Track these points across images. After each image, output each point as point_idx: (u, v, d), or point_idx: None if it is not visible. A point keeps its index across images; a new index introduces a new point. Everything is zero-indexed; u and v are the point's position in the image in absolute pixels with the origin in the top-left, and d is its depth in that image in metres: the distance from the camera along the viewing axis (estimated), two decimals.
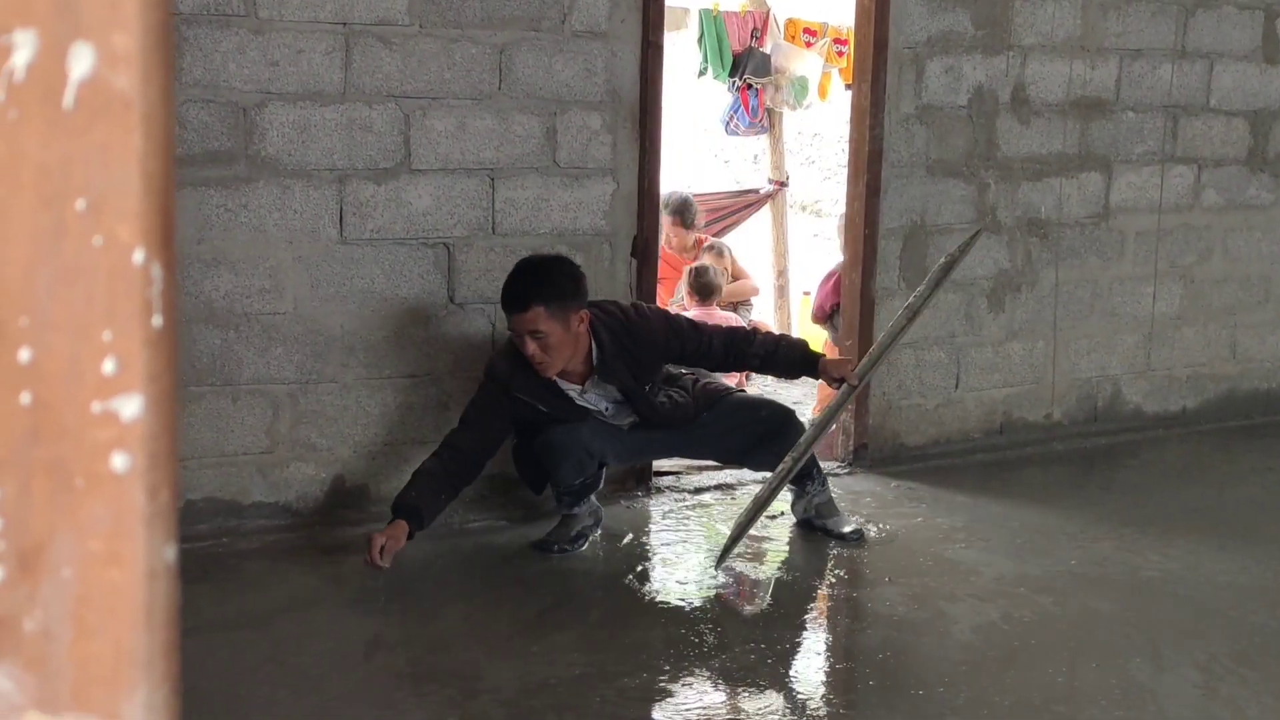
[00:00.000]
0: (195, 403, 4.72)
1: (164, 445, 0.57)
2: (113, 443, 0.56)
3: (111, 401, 0.55)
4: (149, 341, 0.55)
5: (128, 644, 0.56)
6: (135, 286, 0.55)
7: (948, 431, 6.09)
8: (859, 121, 5.76)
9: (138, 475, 0.56)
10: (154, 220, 0.54)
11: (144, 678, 0.57)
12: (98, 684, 0.56)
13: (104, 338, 0.55)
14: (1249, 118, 6.65)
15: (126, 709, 0.56)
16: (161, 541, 0.57)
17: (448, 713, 3.56)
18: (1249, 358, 6.92)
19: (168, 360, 0.57)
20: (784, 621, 4.26)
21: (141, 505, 0.56)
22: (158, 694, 0.57)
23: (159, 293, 0.56)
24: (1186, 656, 3.99)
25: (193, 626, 4.04)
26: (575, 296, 4.50)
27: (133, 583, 0.56)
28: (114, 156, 0.54)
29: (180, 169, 4.56)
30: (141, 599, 0.56)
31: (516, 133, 5.03)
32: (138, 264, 0.55)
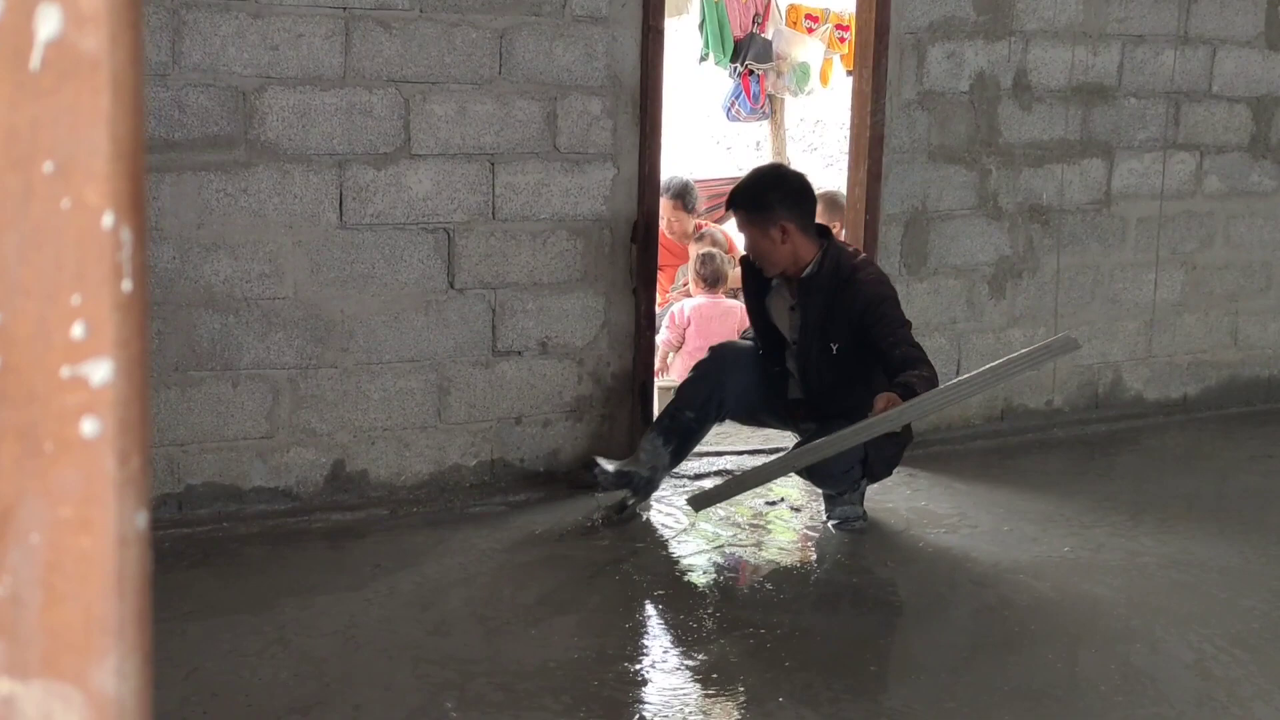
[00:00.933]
0: (195, 387, 4.72)
1: (135, 411, 0.56)
2: (82, 408, 0.55)
3: (81, 366, 0.55)
4: (119, 306, 0.55)
5: (98, 611, 0.56)
6: (105, 250, 0.54)
7: (949, 418, 6.08)
8: (860, 107, 5.75)
9: (108, 441, 0.55)
10: (123, 183, 0.54)
11: (115, 645, 0.56)
12: (68, 651, 0.56)
13: (73, 302, 0.55)
14: (1251, 104, 6.63)
15: (97, 676, 0.56)
16: (133, 508, 0.56)
17: (445, 695, 3.56)
18: (1250, 345, 6.92)
19: (138, 325, 0.57)
20: (784, 606, 4.26)
21: (112, 471, 0.55)
22: (129, 661, 0.57)
23: (129, 256, 0.55)
24: (1183, 641, 3.99)
25: (194, 610, 4.05)
26: (771, 208, 4.78)
27: (103, 549, 0.56)
28: (82, 118, 0.53)
29: (180, 153, 4.56)
30: (112, 566, 0.56)
31: (517, 118, 5.03)
32: (107, 227, 0.54)
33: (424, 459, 5.09)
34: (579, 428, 5.31)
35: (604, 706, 3.54)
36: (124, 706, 0.57)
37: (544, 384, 5.23)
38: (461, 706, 3.50)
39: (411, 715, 3.45)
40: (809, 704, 3.62)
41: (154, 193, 4.54)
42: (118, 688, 0.57)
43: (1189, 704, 3.62)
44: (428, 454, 5.09)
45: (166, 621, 3.98)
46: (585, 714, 3.48)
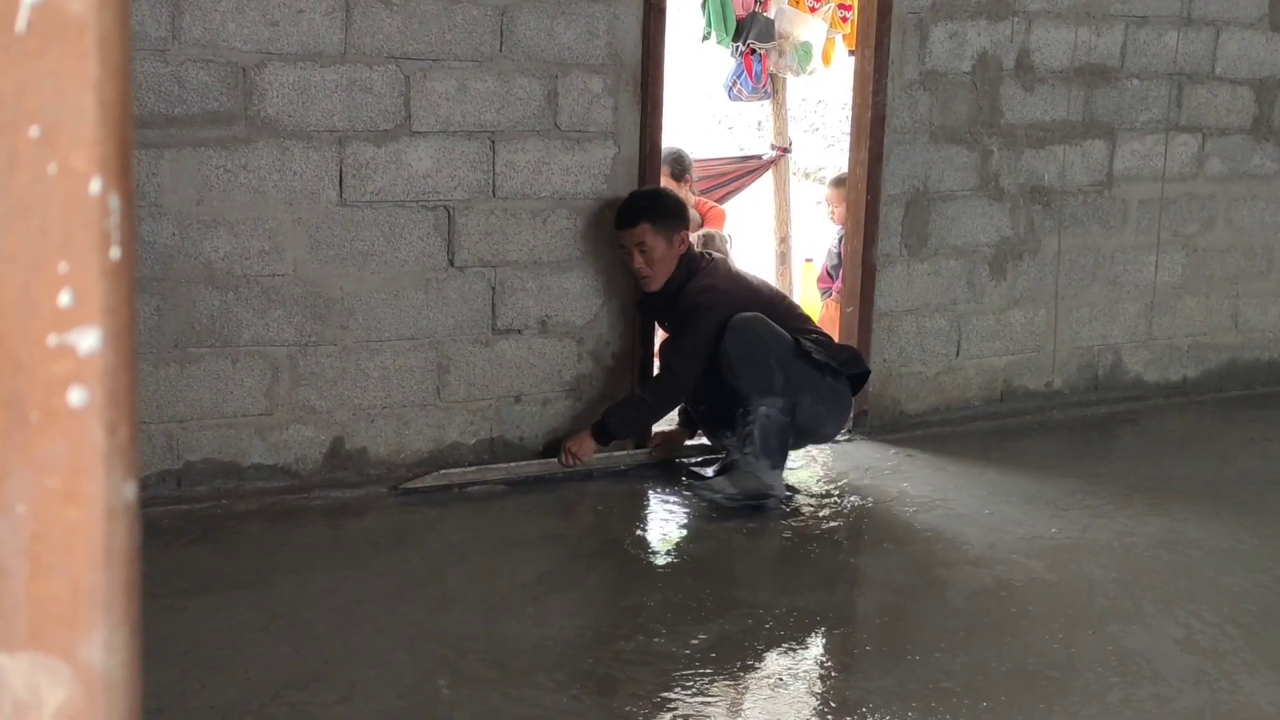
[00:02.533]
0: (194, 364, 4.71)
1: (123, 381, 0.56)
2: (69, 377, 0.54)
3: (68, 335, 0.54)
4: (107, 273, 0.54)
5: (85, 583, 0.55)
6: (92, 217, 0.53)
7: (948, 399, 6.08)
8: (862, 87, 5.73)
9: (95, 411, 0.55)
10: (111, 149, 0.53)
11: (103, 617, 0.56)
12: (55, 623, 0.55)
13: (60, 269, 0.54)
14: (1254, 86, 6.61)
15: (84, 649, 0.55)
16: (121, 479, 0.56)
17: (439, 671, 3.57)
18: (1251, 328, 6.91)
19: (126, 293, 0.56)
20: (782, 586, 4.26)
21: (100, 442, 0.55)
22: (117, 634, 0.56)
23: (117, 224, 0.54)
24: (1175, 620, 3.99)
25: (192, 587, 4.06)
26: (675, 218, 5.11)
27: (91, 521, 0.55)
28: (68, 83, 0.52)
29: (179, 129, 4.54)
30: (100, 537, 0.55)
31: (517, 95, 5.01)
32: (94, 194, 0.53)
33: (423, 437, 5.08)
34: (578, 406, 5.31)
35: (598, 684, 3.54)
36: (112, 680, 0.56)
37: (543, 363, 5.22)
38: (455, 684, 3.51)
39: (406, 692, 3.45)
40: (806, 684, 3.62)
41: (153, 169, 4.53)
42: (106, 661, 0.56)
43: (1186, 683, 3.62)
44: (427, 432, 5.09)
45: (165, 598, 3.98)
46: (578, 691, 3.49)
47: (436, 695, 3.44)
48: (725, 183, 8.75)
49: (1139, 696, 3.53)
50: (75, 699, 0.56)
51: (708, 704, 3.46)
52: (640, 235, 5.03)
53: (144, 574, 2.25)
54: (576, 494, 5.07)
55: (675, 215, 5.11)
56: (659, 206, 5.09)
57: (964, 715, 3.40)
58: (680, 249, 5.10)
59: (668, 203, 5.15)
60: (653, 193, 5.22)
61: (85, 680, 0.56)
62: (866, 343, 5.81)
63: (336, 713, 3.34)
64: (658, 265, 5.06)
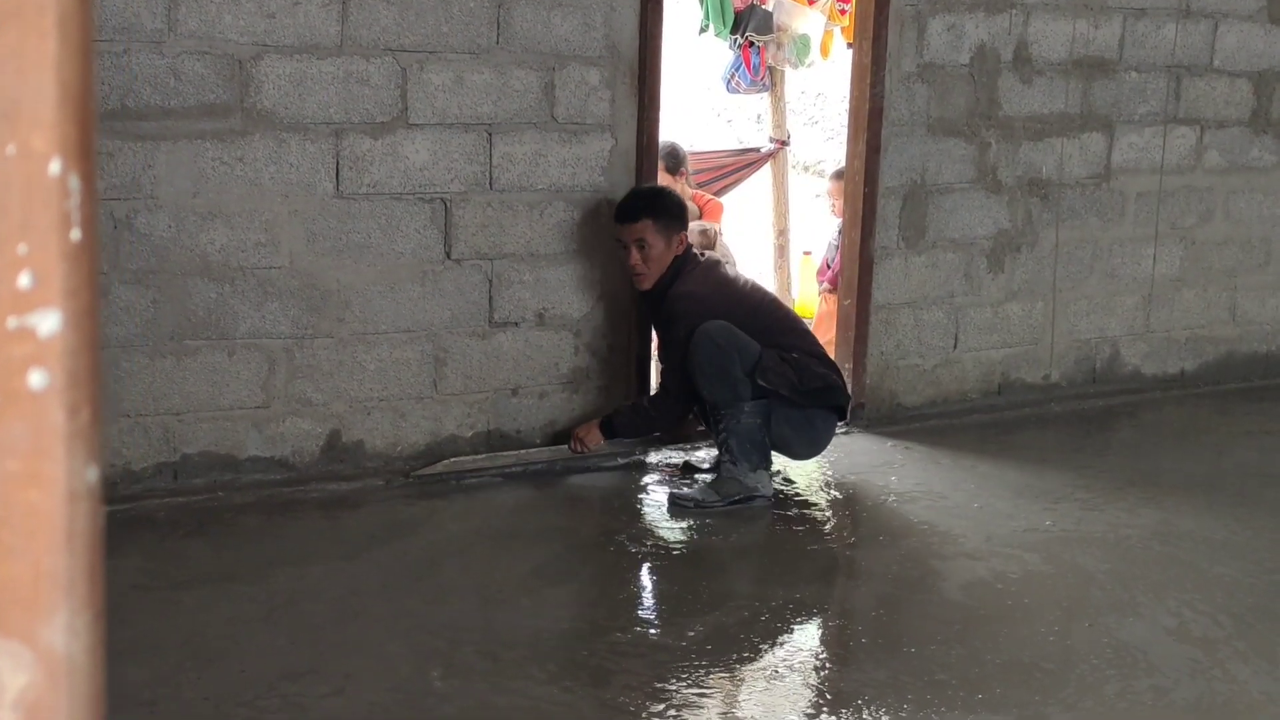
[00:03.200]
0: (190, 356, 4.71)
1: (84, 363, 0.55)
2: (29, 359, 0.54)
3: (28, 317, 0.54)
4: (67, 255, 0.54)
5: (47, 566, 0.55)
6: (52, 198, 0.53)
7: (945, 392, 6.08)
8: (860, 79, 5.72)
9: (56, 393, 0.54)
10: (71, 129, 0.53)
11: (65, 601, 0.55)
12: (16, 607, 0.55)
13: (19, 251, 0.53)
14: (1252, 79, 6.60)
15: (46, 633, 0.55)
16: (83, 462, 0.55)
17: (433, 663, 3.57)
18: (1248, 320, 6.90)
19: (88, 275, 0.56)
20: (778, 579, 4.26)
21: (61, 424, 0.54)
22: (80, 618, 0.56)
23: (77, 205, 0.54)
24: (1169, 611, 3.99)
25: (188, 579, 4.06)
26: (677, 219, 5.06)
27: (52, 504, 0.55)
28: (28, 62, 0.52)
29: (175, 121, 4.54)
30: (62, 521, 0.55)
31: (514, 87, 5.00)
32: (54, 175, 0.53)
33: (420, 430, 5.08)
34: (575, 399, 5.31)
35: (591, 675, 3.54)
36: (74, 664, 0.56)
37: (541, 355, 5.22)
38: (448, 675, 3.51)
39: (400, 684, 3.45)
40: (801, 675, 3.62)
41: (149, 161, 4.53)
42: (68, 645, 0.56)
43: (1182, 674, 3.62)
44: (424, 425, 5.08)
45: (161, 590, 3.98)
46: (571, 683, 3.49)
47: (429, 687, 3.44)
48: (723, 175, 8.75)
49: (1136, 688, 3.53)
50: (37, 683, 0.56)
51: (703, 695, 3.46)
52: (641, 231, 4.97)
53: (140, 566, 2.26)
54: (573, 487, 5.07)
55: (676, 216, 5.06)
56: (662, 205, 5.04)
57: (959, 708, 3.40)
58: (677, 250, 5.04)
59: (671, 202, 5.09)
60: (656, 190, 5.19)
61: (47, 664, 0.56)
62: (864, 335, 5.81)
63: (329, 705, 3.34)
64: (653, 264, 5.00)
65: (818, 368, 4.95)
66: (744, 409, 4.86)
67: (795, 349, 4.96)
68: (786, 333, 5.03)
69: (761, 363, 4.83)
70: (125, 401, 4.63)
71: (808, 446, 5.07)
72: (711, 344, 4.83)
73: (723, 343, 4.83)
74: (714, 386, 4.87)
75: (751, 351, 4.84)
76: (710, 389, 4.88)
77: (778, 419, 4.91)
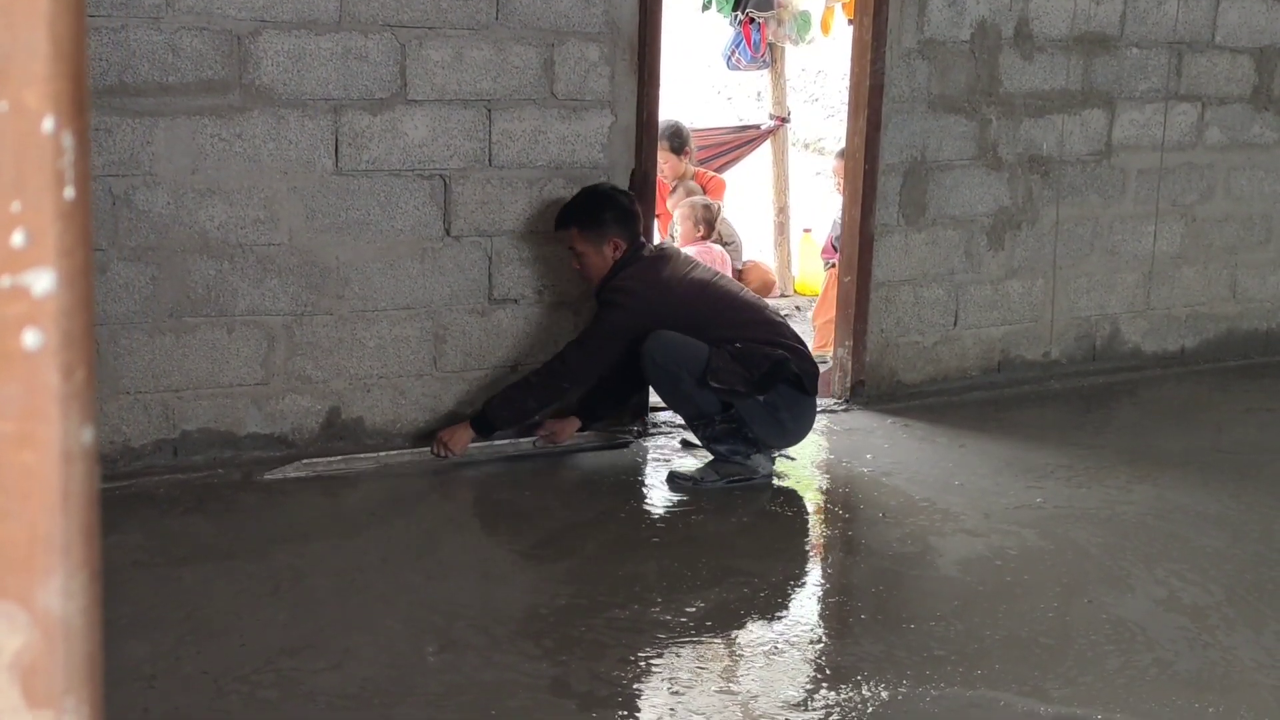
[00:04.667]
0: (190, 333, 4.70)
1: (79, 323, 0.55)
2: (23, 319, 0.54)
3: (22, 276, 0.53)
4: (61, 214, 0.53)
5: (43, 528, 0.55)
6: (45, 156, 0.53)
7: (945, 369, 6.08)
8: (860, 56, 5.70)
9: (51, 353, 0.54)
10: (64, 86, 0.52)
11: (61, 563, 0.55)
12: (11, 568, 0.55)
13: (12, 209, 0.53)
14: (1254, 55, 6.58)
15: (42, 594, 0.55)
16: (78, 423, 0.55)
17: (428, 638, 3.58)
18: (1249, 298, 6.90)
19: (81, 234, 0.55)
20: (778, 556, 4.26)
21: (55, 385, 0.54)
22: (75, 579, 0.55)
23: (71, 163, 0.53)
24: (1165, 587, 4.00)
25: (189, 556, 4.06)
26: (608, 225, 4.87)
27: (47, 465, 0.54)
28: (19, 17, 0.51)
29: (173, 97, 4.53)
30: (57, 482, 0.54)
31: (513, 64, 4.99)
32: (47, 132, 0.52)
33: (419, 407, 5.08)
34: None
35: (586, 650, 3.54)
36: (70, 626, 0.56)
37: (540, 333, 5.21)
38: (442, 650, 3.51)
39: (397, 659, 3.46)
40: (800, 651, 3.62)
41: (148, 138, 4.51)
42: (64, 606, 0.56)
43: (1181, 647, 3.63)
44: (423, 402, 5.08)
45: (162, 567, 3.99)
46: (566, 658, 3.49)
47: (423, 663, 3.45)
48: (723, 152, 8.73)
49: (1136, 663, 3.53)
50: (33, 644, 0.56)
51: (701, 669, 3.47)
52: (569, 240, 4.93)
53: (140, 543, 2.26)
54: (574, 466, 5.07)
55: (611, 221, 4.88)
56: (588, 212, 4.89)
57: (958, 683, 3.41)
58: (614, 255, 4.88)
59: (598, 209, 4.89)
60: (588, 196, 4.97)
61: (43, 626, 0.56)
62: (864, 313, 5.81)
63: (324, 680, 3.35)
64: (589, 269, 4.92)
65: (762, 349, 4.77)
66: (715, 421, 4.80)
67: (736, 337, 4.79)
68: (725, 323, 4.83)
69: (710, 365, 4.71)
70: (125, 378, 4.63)
71: (780, 438, 4.92)
72: (653, 366, 4.78)
73: (661, 361, 4.75)
74: (676, 406, 4.94)
75: (698, 358, 4.72)
76: (675, 409, 4.97)
77: (747, 418, 4.80)
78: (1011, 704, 3.31)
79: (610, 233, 4.87)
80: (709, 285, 4.94)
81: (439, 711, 3.21)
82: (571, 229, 4.90)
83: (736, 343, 4.76)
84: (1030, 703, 3.32)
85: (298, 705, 3.23)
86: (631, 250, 4.90)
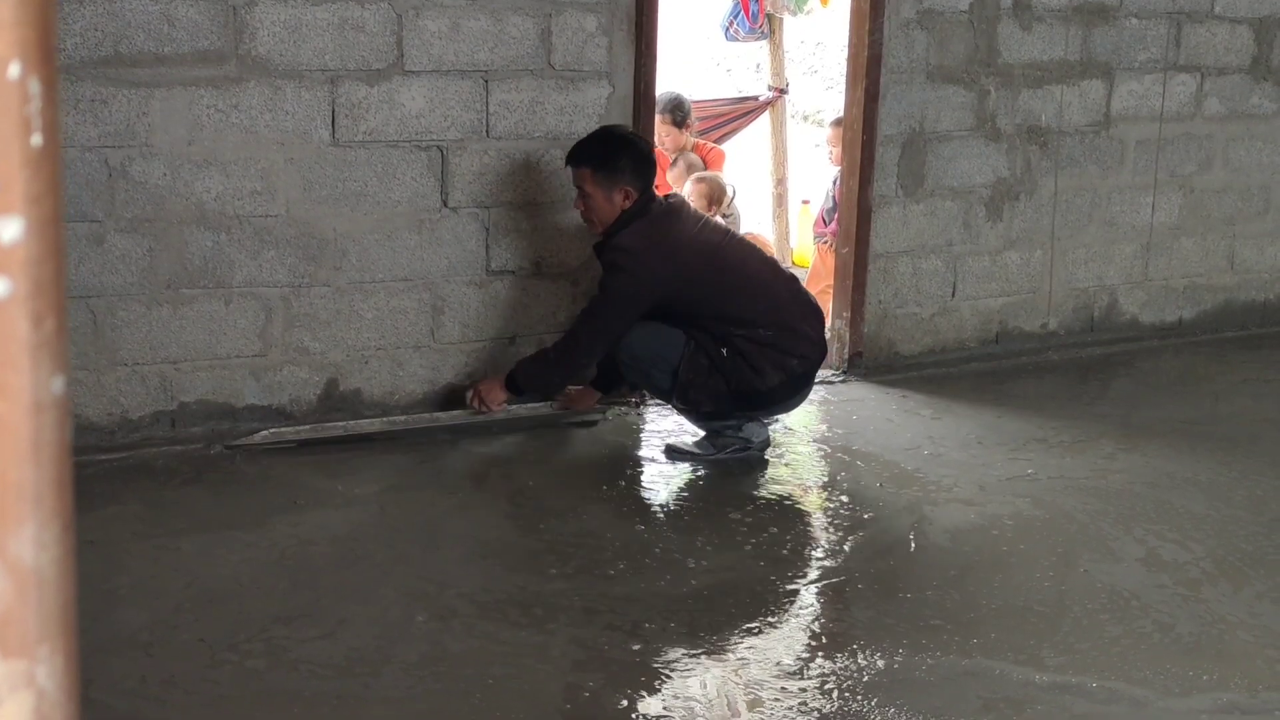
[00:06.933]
0: (187, 305, 4.70)
1: (49, 271, 0.55)
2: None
3: None
4: (28, 162, 0.53)
5: (14, 478, 0.55)
6: (11, 102, 0.52)
7: (943, 340, 6.08)
8: (858, 26, 5.68)
9: (20, 302, 0.54)
10: (31, 31, 0.52)
11: (32, 512, 0.55)
12: None
13: None
14: (1254, 25, 6.56)
15: (14, 544, 0.55)
16: (48, 372, 0.55)
17: (419, 608, 3.59)
18: (1247, 269, 6.89)
19: (50, 182, 0.55)
20: (775, 526, 4.27)
21: (25, 334, 0.54)
22: (48, 529, 0.55)
23: (38, 110, 0.53)
24: (1158, 553, 4.01)
25: (187, 527, 4.07)
26: (623, 171, 4.67)
27: (18, 415, 0.54)
28: None
29: (169, 68, 4.51)
30: (28, 432, 0.54)
31: (511, 34, 4.97)
32: (13, 78, 0.52)
33: (417, 379, 5.08)
34: None
35: (573, 619, 3.55)
36: (42, 576, 0.56)
37: (537, 304, 5.21)
38: (430, 620, 3.52)
39: (388, 629, 3.47)
40: (797, 621, 3.64)
41: (143, 109, 4.50)
42: (36, 557, 0.56)
43: (1178, 615, 3.64)
44: (421, 374, 5.08)
45: (161, 538, 4.00)
46: (554, 626, 3.51)
47: (411, 632, 3.46)
48: (722, 124, 8.71)
49: (1136, 630, 3.54)
50: (5, 594, 0.56)
51: (695, 638, 3.48)
52: (579, 179, 4.73)
53: (140, 514, 2.27)
54: (575, 439, 5.07)
55: (625, 169, 4.68)
56: (604, 155, 4.70)
57: (954, 651, 3.42)
58: (624, 204, 4.68)
59: (615, 154, 4.70)
60: (606, 137, 4.79)
61: (16, 576, 0.56)
62: (862, 284, 5.80)
63: (313, 649, 3.37)
64: (595, 214, 4.73)
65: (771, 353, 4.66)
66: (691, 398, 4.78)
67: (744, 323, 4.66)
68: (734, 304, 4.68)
69: (679, 377, 4.66)
70: (122, 350, 4.63)
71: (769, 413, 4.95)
72: (633, 368, 4.81)
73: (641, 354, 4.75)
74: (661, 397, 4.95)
75: (670, 357, 4.69)
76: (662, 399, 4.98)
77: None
78: (1007, 672, 3.33)
79: (624, 180, 4.67)
80: (719, 250, 4.73)
81: (417, 680, 3.23)
82: (585, 169, 4.70)
83: (739, 331, 4.65)
84: (1026, 671, 3.33)
85: (282, 674, 3.25)
86: (641, 201, 4.70)
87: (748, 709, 3.16)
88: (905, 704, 3.17)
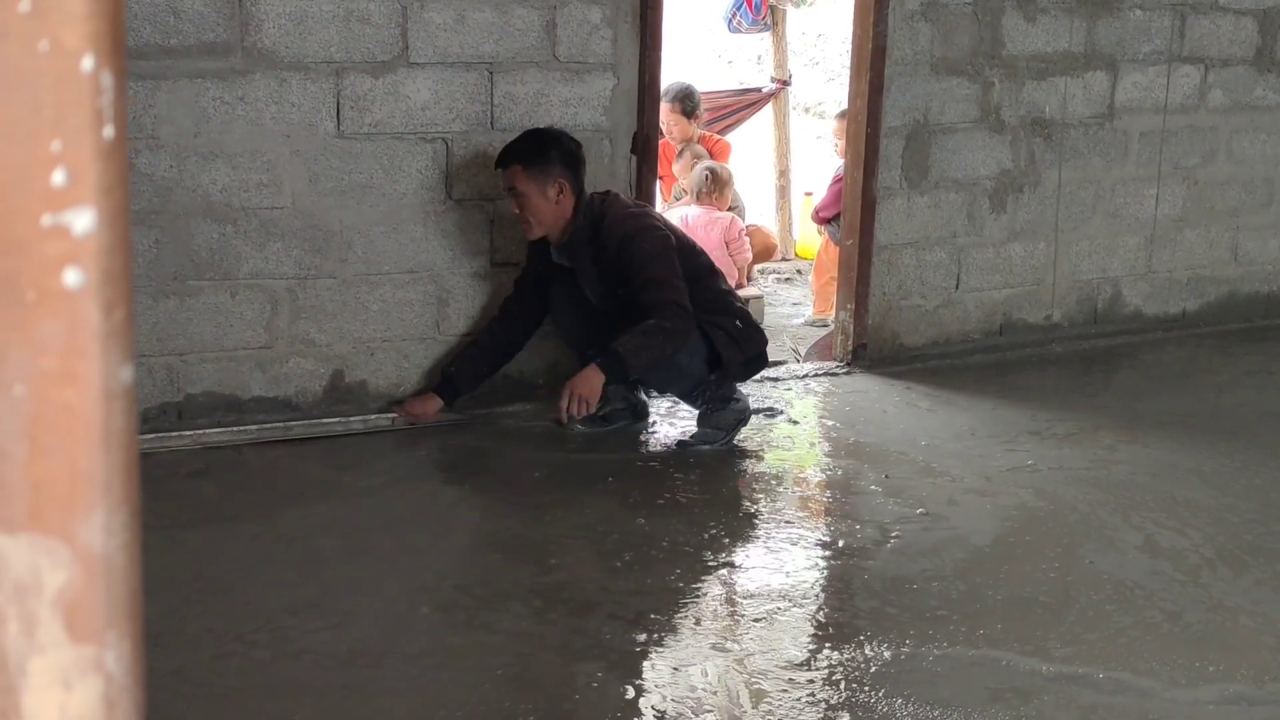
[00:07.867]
0: (194, 297, 4.71)
1: (118, 262, 0.55)
2: (65, 257, 0.54)
3: (63, 214, 0.54)
4: (101, 153, 0.54)
5: (84, 465, 0.55)
6: (84, 95, 0.53)
7: (947, 332, 6.08)
8: (862, 18, 5.68)
9: (91, 292, 0.54)
10: (103, 25, 0.52)
11: (101, 500, 0.56)
12: (53, 504, 0.55)
13: (53, 148, 0.53)
14: (1258, 16, 6.56)
15: (83, 531, 0.56)
16: (118, 361, 0.56)
17: (425, 599, 3.60)
18: (1250, 260, 6.90)
19: (120, 174, 0.56)
20: (781, 518, 4.28)
21: (96, 323, 0.54)
22: (116, 516, 0.56)
23: (110, 102, 0.54)
24: (1175, 547, 4.02)
25: (194, 518, 4.08)
26: (554, 164, 4.65)
27: (88, 403, 0.55)
28: None
29: (175, 60, 4.52)
30: (98, 419, 0.55)
31: (516, 26, 4.97)
32: (86, 71, 0.53)
33: (423, 370, 5.09)
34: None
35: (575, 609, 3.55)
36: (111, 562, 0.57)
37: None
38: (434, 611, 3.53)
39: (393, 620, 3.48)
40: (802, 611, 3.64)
41: (150, 101, 4.51)
42: (105, 544, 0.57)
43: (1184, 605, 3.65)
44: (427, 365, 5.09)
45: (167, 529, 4.00)
46: (554, 616, 3.51)
47: (415, 624, 3.47)
48: (725, 115, 8.71)
49: (1147, 620, 3.55)
50: (75, 580, 0.57)
51: (696, 627, 3.48)
52: (510, 179, 4.67)
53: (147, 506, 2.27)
54: (579, 431, 5.07)
55: (550, 161, 4.64)
56: (533, 150, 4.65)
57: (961, 642, 3.42)
58: (558, 198, 4.67)
59: (543, 147, 4.66)
60: (531, 133, 4.75)
61: (85, 562, 0.57)
62: (866, 276, 5.81)
63: (319, 639, 3.37)
64: (533, 213, 4.67)
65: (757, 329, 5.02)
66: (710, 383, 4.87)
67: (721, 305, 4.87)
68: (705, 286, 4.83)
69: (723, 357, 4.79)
70: None
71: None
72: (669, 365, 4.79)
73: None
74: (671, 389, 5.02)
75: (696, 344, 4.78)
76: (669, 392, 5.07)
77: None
78: (1014, 663, 3.33)
79: (555, 173, 4.63)
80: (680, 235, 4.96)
81: (423, 671, 3.23)
82: (514, 166, 4.64)
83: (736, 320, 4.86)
84: (1033, 662, 3.34)
85: (289, 665, 3.26)
86: (582, 195, 4.72)
87: (752, 700, 3.17)
88: (912, 694, 3.18)
